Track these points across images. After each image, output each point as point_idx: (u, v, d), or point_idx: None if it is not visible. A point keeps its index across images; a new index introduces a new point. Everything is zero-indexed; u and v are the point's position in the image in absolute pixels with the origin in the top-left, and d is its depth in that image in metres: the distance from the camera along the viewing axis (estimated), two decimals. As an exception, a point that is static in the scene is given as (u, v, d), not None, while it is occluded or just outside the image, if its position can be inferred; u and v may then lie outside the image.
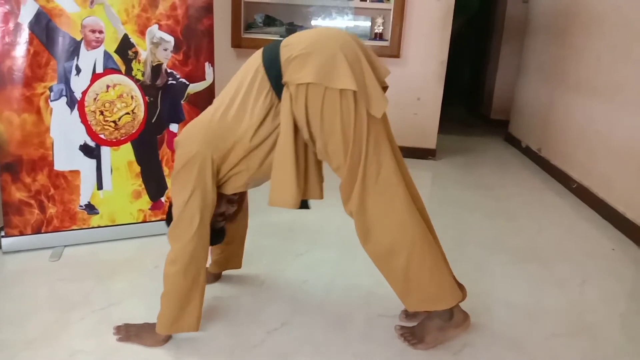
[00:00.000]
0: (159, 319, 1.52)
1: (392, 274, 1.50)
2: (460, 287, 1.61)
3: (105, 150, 2.16)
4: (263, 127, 1.42)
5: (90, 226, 2.20)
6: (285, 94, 1.37)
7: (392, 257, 1.47)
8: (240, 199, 1.76)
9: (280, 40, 1.42)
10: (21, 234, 2.09)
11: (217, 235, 1.67)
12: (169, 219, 1.59)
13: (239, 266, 1.95)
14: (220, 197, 1.56)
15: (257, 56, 1.45)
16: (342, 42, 1.37)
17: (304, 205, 1.54)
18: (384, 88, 1.46)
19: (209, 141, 1.43)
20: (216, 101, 1.51)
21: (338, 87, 1.32)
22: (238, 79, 1.47)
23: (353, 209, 1.46)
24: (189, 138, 1.47)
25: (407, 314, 1.74)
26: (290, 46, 1.38)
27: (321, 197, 1.56)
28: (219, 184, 1.51)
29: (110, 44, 2.08)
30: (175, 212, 1.46)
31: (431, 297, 1.51)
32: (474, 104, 6.17)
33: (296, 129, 1.41)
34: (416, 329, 1.62)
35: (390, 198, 1.44)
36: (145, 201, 2.28)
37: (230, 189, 1.55)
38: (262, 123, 1.42)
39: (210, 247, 1.65)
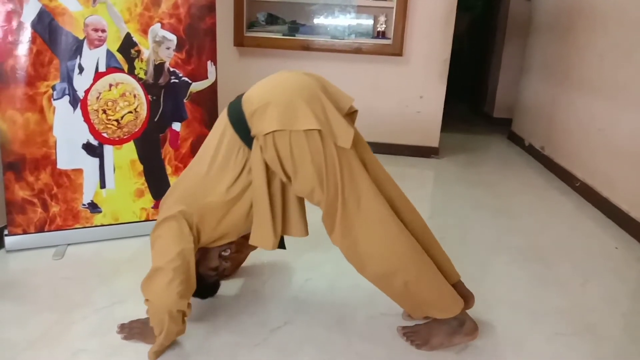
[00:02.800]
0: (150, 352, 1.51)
1: (393, 292, 1.54)
2: (468, 295, 1.62)
3: (108, 149, 2.17)
4: (240, 181, 1.51)
5: (93, 225, 2.21)
6: (255, 145, 1.45)
7: (390, 279, 1.50)
8: (236, 252, 1.85)
9: (241, 96, 1.50)
10: (24, 232, 2.10)
11: (210, 289, 1.77)
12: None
13: (233, 273, 1.99)
14: (213, 252, 1.63)
15: (223, 116, 1.54)
16: (299, 86, 1.44)
17: (281, 245, 1.63)
18: (353, 113, 1.54)
19: (185, 203, 1.52)
20: (193, 163, 1.60)
21: (302, 128, 1.38)
22: (210, 140, 1.56)
23: (339, 242, 1.50)
24: (168, 200, 1.57)
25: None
26: (250, 100, 1.46)
27: (305, 234, 1.62)
28: (204, 242, 1.59)
29: (113, 43, 2.08)
30: (155, 264, 1.48)
31: (434, 307, 1.54)
32: (477, 102, 6.16)
33: (271, 174, 1.49)
34: (421, 329, 1.62)
35: (376, 225, 1.46)
36: (148, 200, 2.28)
37: (220, 244, 1.63)
38: (238, 177, 1.51)
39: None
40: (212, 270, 1.68)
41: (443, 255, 1.62)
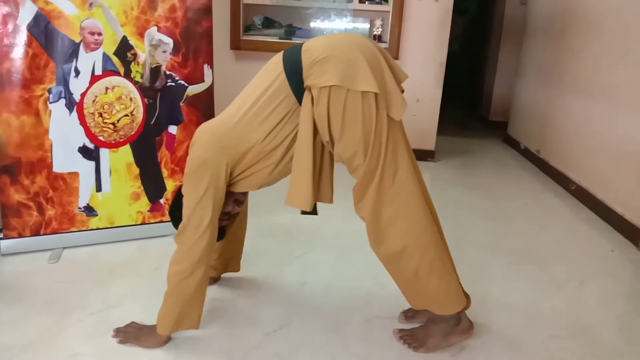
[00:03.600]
0: (160, 319, 1.52)
1: (401, 275, 1.51)
2: (465, 295, 1.62)
3: (104, 152, 2.17)
4: (278, 131, 1.44)
5: (89, 228, 2.20)
6: (306, 97, 1.39)
7: (403, 260, 1.47)
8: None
9: (301, 45, 1.44)
10: (20, 236, 2.09)
11: (218, 233, 1.67)
12: (173, 219, 1.60)
13: (237, 269, 1.96)
14: (229, 196, 1.56)
15: (277, 61, 1.46)
16: (362, 46, 1.39)
17: (313, 211, 1.54)
18: (402, 92, 1.48)
19: (222, 147, 1.45)
20: (233, 104, 1.52)
21: (360, 89, 1.35)
22: (256, 83, 1.49)
23: (366, 212, 1.46)
24: (203, 142, 1.47)
25: (407, 316, 1.74)
26: (312, 50, 1.39)
27: (331, 201, 1.58)
28: (231, 183, 1.52)
29: (109, 46, 2.09)
30: (185, 212, 1.47)
31: (437, 301, 1.52)
32: (473, 106, 6.18)
33: (314, 133, 1.41)
34: (417, 331, 1.62)
35: (405, 202, 1.45)
36: (144, 203, 2.28)
37: (241, 189, 1.56)
38: (277, 127, 1.44)
39: None
40: (224, 214, 1.62)
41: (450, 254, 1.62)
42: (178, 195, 1.57)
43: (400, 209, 1.45)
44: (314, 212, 1.54)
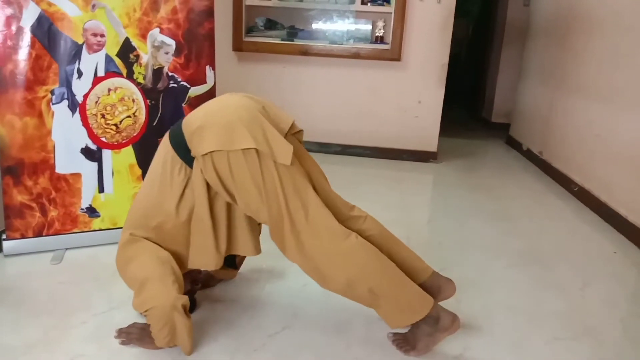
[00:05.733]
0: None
1: (361, 300, 1.55)
2: (447, 282, 1.63)
3: (106, 153, 2.17)
4: (185, 201, 1.53)
5: (91, 229, 2.20)
6: (195, 166, 1.48)
7: (354, 289, 1.51)
8: (209, 276, 1.87)
9: (181, 121, 1.54)
10: (23, 237, 2.09)
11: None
12: None
13: (233, 277, 1.99)
14: (184, 277, 1.62)
15: (165, 141, 1.58)
16: (237, 108, 1.48)
17: (231, 265, 1.68)
18: (299, 132, 1.59)
19: (137, 226, 1.57)
20: (142, 185, 1.64)
21: (239, 148, 1.41)
22: (154, 164, 1.60)
23: (294, 258, 1.52)
24: (124, 228, 1.62)
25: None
26: (189, 122, 1.51)
27: (255, 252, 1.66)
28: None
29: (112, 48, 2.09)
30: (139, 282, 1.49)
31: (405, 311, 1.53)
32: (475, 107, 6.17)
33: (215, 194, 1.51)
34: (408, 335, 1.61)
35: (326, 237, 1.48)
36: (146, 204, 2.28)
37: (187, 267, 1.63)
38: (182, 196, 1.53)
39: None
40: (187, 292, 1.66)
41: (408, 252, 1.63)
42: None
43: (324, 245, 1.48)
44: (232, 266, 1.68)
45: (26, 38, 1.95)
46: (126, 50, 2.12)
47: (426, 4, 3.69)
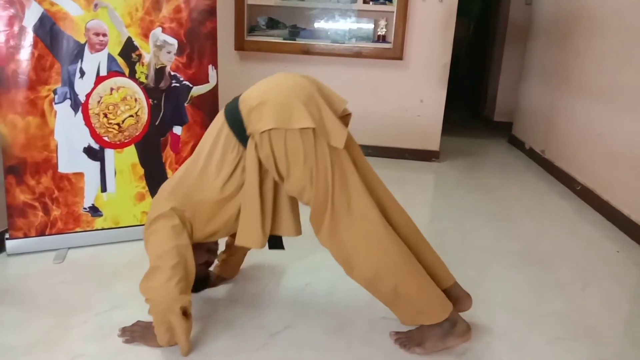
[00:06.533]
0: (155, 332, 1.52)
1: (381, 297, 1.55)
2: (465, 297, 1.62)
3: (109, 153, 2.17)
4: (233, 179, 1.51)
5: (94, 228, 2.21)
6: (250, 144, 1.46)
7: (378, 283, 1.51)
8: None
9: (238, 97, 1.52)
10: (25, 236, 2.10)
11: (202, 283, 1.80)
12: None
13: (234, 276, 1.99)
14: (201, 247, 1.64)
15: (219, 117, 1.55)
16: (294, 86, 1.47)
17: (278, 245, 1.65)
18: (347, 116, 1.56)
19: (181, 199, 1.54)
20: (188, 161, 1.61)
21: (297, 127, 1.40)
22: (206, 139, 1.57)
23: (327, 242, 1.51)
24: (162, 197, 1.58)
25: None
26: (247, 100, 1.47)
27: (297, 233, 1.63)
28: (196, 235, 1.58)
29: (114, 47, 2.09)
30: (152, 261, 1.49)
31: (423, 313, 1.54)
32: (477, 106, 6.17)
33: (264, 173, 1.50)
34: (414, 333, 1.61)
35: (364, 226, 1.47)
36: (149, 203, 2.29)
37: (209, 240, 1.64)
38: (232, 175, 1.51)
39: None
40: (200, 265, 1.69)
41: (435, 258, 1.63)
42: None
43: (360, 234, 1.48)
44: (279, 246, 1.64)
45: (28, 38, 1.95)
46: (128, 50, 2.12)
47: (428, 3, 3.68)
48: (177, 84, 2.24)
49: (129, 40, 2.11)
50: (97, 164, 2.16)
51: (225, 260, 1.90)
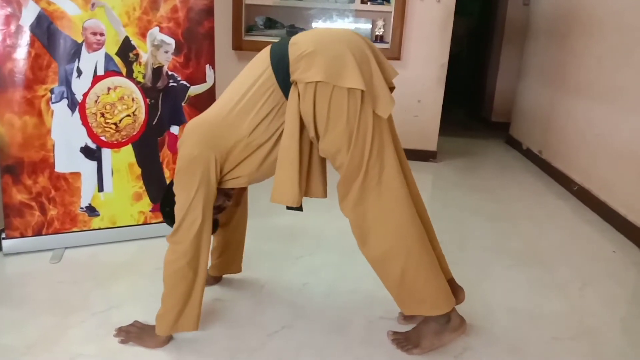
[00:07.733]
0: (158, 320, 1.51)
1: (388, 278, 1.51)
2: (459, 289, 1.61)
3: (106, 152, 2.17)
4: (266, 126, 1.43)
5: (90, 228, 2.20)
6: (292, 92, 1.37)
7: (389, 262, 1.47)
8: (238, 192, 1.76)
9: (288, 38, 1.42)
10: (22, 235, 2.09)
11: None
12: (164, 214, 1.60)
13: (239, 270, 1.95)
14: (219, 190, 1.55)
15: (264, 54, 1.44)
16: (351, 42, 1.38)
17: (298, 206, 1.52)
18: (391, 89, 1.46)
19: (210, 143, 1.43)
20: (220, 99, 1.51)
21: (346, 85, 1.33)
22: (243, 77, 1.47)
23: (349, 211, 1.45)
24: (192, 139, 1.46)
25: (405, 317, 1.73)
26: (299, 44, 1.37)
27: (324, 195, 1.56)
28: (221, 179, 1.51)
29: (111, 47, 2.09)
30: (178, 212, 1.46)
31: (426, 302, 1.51)
32: (475, 107, 6.18)
33: (301, 128, 1.40)
34: (411, 333, 1.61)
35: (390, 201, 1.43)
36: (146, 203, 2.28)
37: (230, 186, 1.55)
38: (264, 121, 1.42)
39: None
40: (215, 208, 1.60)
41: (441, 252, 1.61)
42: (168, 191, 1.56)
43: (384, 209, 1.43)
44: (299, 207, 1.51)
45: (25, 37, 1.94)
46: (126, 49, 2.11)
47: (426, 3, 3.69)
48: (175, 84, 2.23)
49: (126, 40, 2.11)
50: (94, 164, 2.16)
51: (220, 258, 1.88)
